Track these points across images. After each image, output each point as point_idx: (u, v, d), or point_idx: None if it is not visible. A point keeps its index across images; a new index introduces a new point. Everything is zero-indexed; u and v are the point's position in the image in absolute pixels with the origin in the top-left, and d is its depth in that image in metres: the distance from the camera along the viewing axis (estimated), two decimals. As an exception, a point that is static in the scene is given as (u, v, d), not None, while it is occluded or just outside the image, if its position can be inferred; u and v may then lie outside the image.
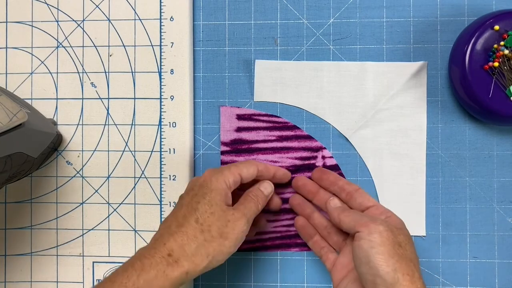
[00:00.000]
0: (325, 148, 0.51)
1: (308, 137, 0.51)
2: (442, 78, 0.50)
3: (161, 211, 0.51)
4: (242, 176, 0.44)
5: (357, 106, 0.50)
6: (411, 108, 0.50)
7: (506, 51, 0.45)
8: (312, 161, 0.50)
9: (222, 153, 0.51)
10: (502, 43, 0.45)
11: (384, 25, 0.50)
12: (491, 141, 0.50)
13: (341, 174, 0.50)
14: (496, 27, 0.45)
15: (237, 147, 0.51)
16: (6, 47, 0.52)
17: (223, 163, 0.51)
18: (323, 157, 0.50)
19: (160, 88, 0.51)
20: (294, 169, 0.50)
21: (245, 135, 0.51)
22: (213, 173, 0.43)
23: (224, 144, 0.51)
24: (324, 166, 0.50)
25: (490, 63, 0.45)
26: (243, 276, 0.51)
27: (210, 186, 0.42)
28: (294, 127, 0.51)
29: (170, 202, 0.51)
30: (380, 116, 0.50)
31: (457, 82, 0.47)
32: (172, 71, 0.51)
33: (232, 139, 0.51)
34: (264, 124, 0.51)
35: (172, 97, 0.51)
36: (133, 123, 0.51)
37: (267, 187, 0.46)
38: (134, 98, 0.52)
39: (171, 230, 0.40)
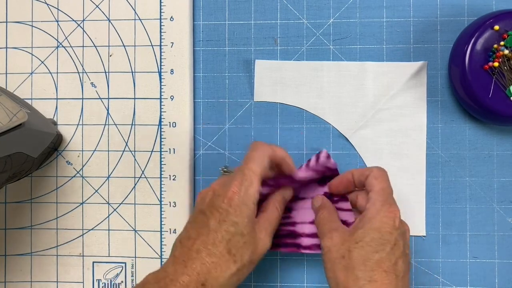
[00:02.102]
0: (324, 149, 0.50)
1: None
2: (442, 78, 0.50)
3: (161, 211, 0.51)
4: (266, 170, 0.42)
5: (357, 106, 0.50)
6: (411, 108, 0.50)
7: (506, 51, 0.45)
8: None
9: None
10: (502, 43, 0.45)
11: (384, 25, 0.50)
12: (491, 141, 0.50)
13: (337, 174, 0.50)
14: (496, 27, 0.45)
15: None
16: (6, 47, 0.52)
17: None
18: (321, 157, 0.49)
19: (160, 88, 0.51)
20: None
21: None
22: (240, 187, 0.39)
23: None
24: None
25: (490, 63, 0.45)
26: (243, 276, 0.51)
27: (240, 210, 0.39)
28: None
29: (170, 202, 0.51)
30: (380, 116, 0.50)
31: (457, 82, 0.47)
32: (172, 71, 0.51)
33: None
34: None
35: (172, 97, 0.51)
36: (133, 123, 0.51)
37: (288, 194, 0.46)
38: (134, 98, 0.52)
39: (203, 258, 0.38)
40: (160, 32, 0.51)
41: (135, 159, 0.51)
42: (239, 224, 0.39)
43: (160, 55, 0.51)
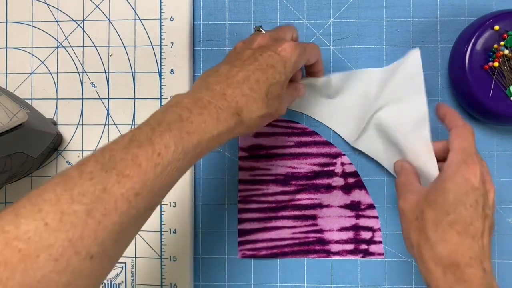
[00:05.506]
0: (344, 154, 0.50)
1: (327, 143, 0.50)
2: (442, 78, 0.50)
3: (161, 211, 0.51)
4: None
5: (357, 109, 0.50)
6: (411, 108, 0.50)
7: (506, 51, 0.45)
8: (331, 168, 0.50)
9: (240, 158, 0.51)
10: (502, 43, 0.45)
11: (384, 25, 0.50)
12: (491, 141, 0.50)
13: (360, 181, 0.50)
14: (496, 27, 0.45)
15: (256, 153, 0.51)
16: (6, 47, 0.52)
17: (242, 168, 0.51)
18: (342, 164, 0.50)
19: (160, 88, 0.51)
20: (313, 175, 0.50)
21: (264, 141, 0.51)
22: (295, 47, 0.40)
23: (242, 149, 0.51)
24: (343, 172, 0.50)
25: (490, 63, 0.45)
26: (243, 276, 0.51)
27: (290, 65, 0.40)
28: (313, 133, 0.50)
29: (170, 202, 0.51)
30: (380, 116, 0.50)
31: (457, 82, 0.47)
32: (172, 71, 0.51)
33: (250, 145, 0.51)
34: (283, 130, 0.51)
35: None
36: (133, 123, 0.51)
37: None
38: (134, 98, 0.52)
39: (244, 89, 0.38)
40: (160, 32, 0.51)
41: (135, 159, 0.51)
42: (282, 76, 0.39)
43: (160, 55, 0.51)
